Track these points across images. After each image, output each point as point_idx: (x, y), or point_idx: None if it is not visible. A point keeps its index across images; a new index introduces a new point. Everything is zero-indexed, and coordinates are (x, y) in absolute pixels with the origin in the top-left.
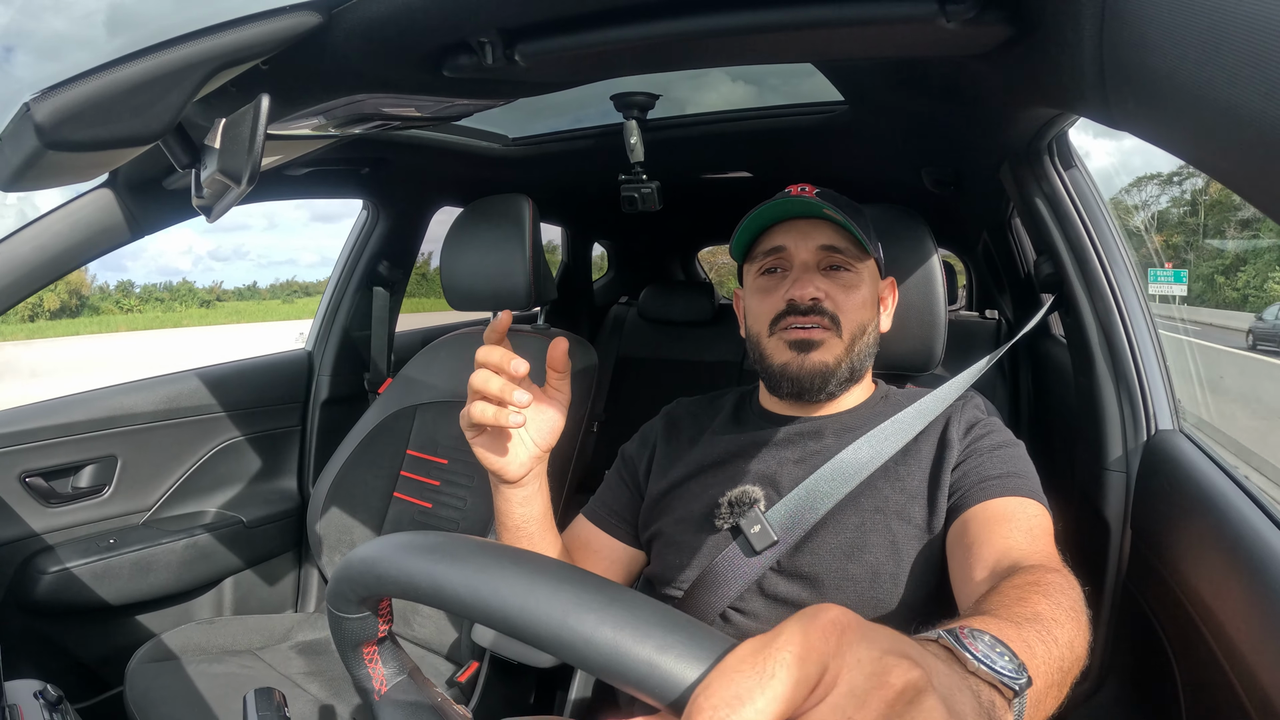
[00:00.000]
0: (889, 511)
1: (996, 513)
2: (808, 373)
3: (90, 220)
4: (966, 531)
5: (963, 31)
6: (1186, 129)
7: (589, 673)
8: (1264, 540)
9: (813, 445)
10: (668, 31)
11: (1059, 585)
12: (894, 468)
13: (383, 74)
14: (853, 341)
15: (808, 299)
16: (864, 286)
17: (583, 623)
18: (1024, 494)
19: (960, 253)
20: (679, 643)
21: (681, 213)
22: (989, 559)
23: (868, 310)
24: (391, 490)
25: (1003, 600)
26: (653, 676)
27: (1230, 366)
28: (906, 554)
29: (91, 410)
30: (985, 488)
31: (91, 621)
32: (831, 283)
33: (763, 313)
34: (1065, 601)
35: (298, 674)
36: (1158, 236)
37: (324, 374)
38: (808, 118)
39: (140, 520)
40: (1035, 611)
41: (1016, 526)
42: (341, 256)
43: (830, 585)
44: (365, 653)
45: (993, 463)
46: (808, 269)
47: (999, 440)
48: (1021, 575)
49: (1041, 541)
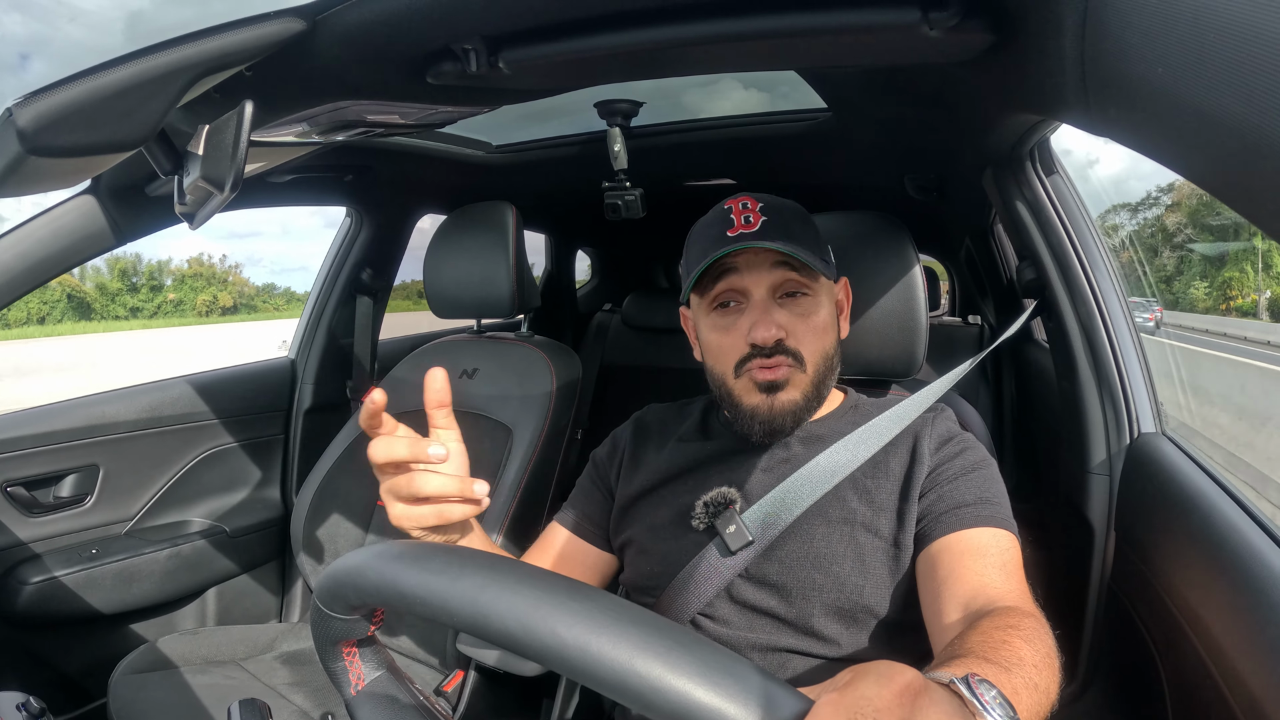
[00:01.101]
0: (856, 523)
1: (969, 546)
2: (779, 414)
3: (73, 226)
4: (939, 563)
5: (945, 39)
6: (1167, 135)
7: (649, 715)
8: (1247, 541)
9: (780, 454)
10: (652, 39)
11: (1036, 630)
12: (863, 480)
13: (367, 81)
14: (816, 373)
15: (771, 341)
16: (822, 309)
17: (650, 667)
18: (996, 524)
19: (943, 258)
20: (751, 695)
21: (665, 220)
22: (963, 595)
23: (828, 334)
24: (375, 498)
25: (988, 642)
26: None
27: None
28: (873, 565)
29: (73, 419)
30: (958, 515)
31: (74, 632)
32: (790, 314)
33: (725, 353)
34: (1042, 648)
35: (282, 684)
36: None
37: (307, 382)
38: (791, 125)
39: (123, 530)
40: (1019, 657)
41: (990, 562)
42: (324, 264)
43: (797, 594)
44: (344, 649)
45: (965, 488)
46: (765, 305)
47: (971, 461)
48: (1001, 617)
49: (1015, 579)
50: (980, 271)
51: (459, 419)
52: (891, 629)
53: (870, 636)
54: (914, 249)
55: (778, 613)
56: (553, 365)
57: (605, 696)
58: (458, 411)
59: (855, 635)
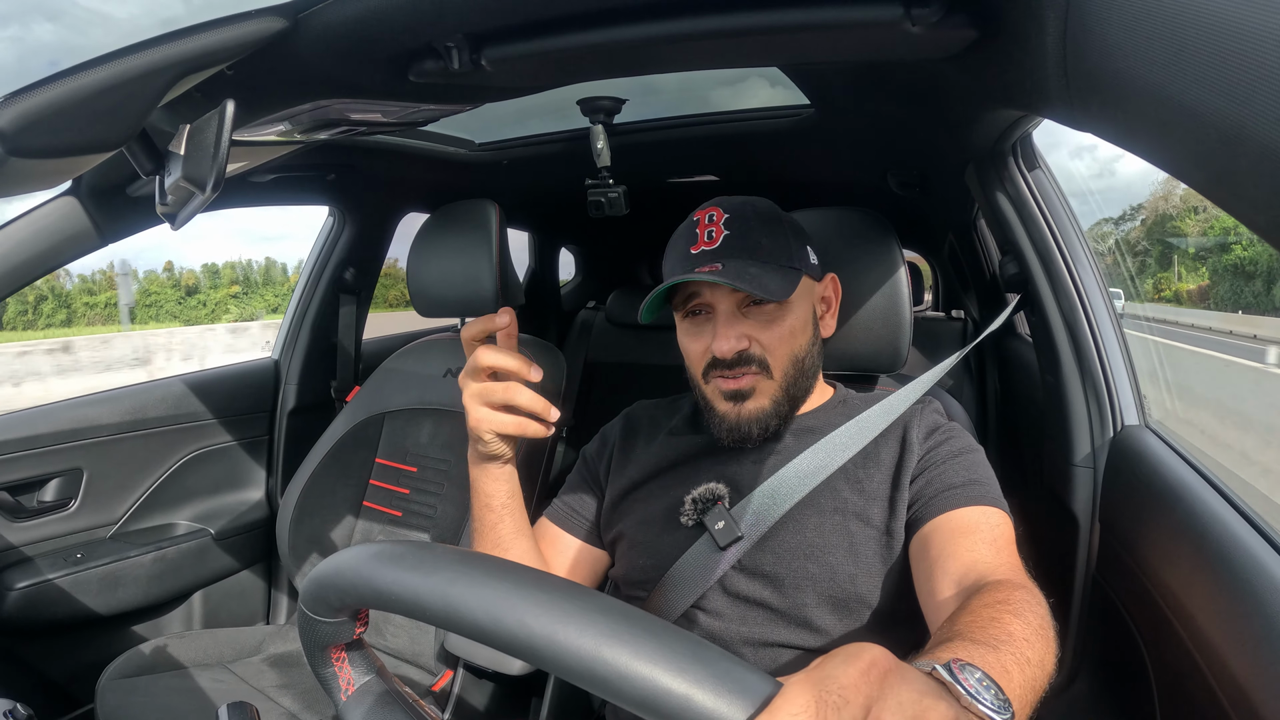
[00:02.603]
0: (848, 513)
1: (960, 524)
2: (746, 421)
3: (54, 228)
4: (931, 544)
5: (928, 35)
6: (1149, 129)
7: (618, 704)
8: (1231, 531)
9: (772, 446)
10: (634, 36)
11: (1027, 602)
12: (854, 470)
13: (349, 79)
14: (785, 377)
15: (730, 354)
16: (790, 315)
17: (617, 655)
18: (986, 502)
19: (926, 254)
20: (720, 680)
21: (648, 217)
22: (955, 573)
23: (799, 337)
24: (361, 499)
25: (977, 621)
26: (690, 713)
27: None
28: (865, 554)
29: (56, 423)
30: (948, 497)
31: (60, 637)
32: (756, 322)
33: (694, 356)
34: (1034, 620)
35: (270, 687)
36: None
37: (291, 383)
38: (774, 121)
39: (108, 534)
40: (1009, 633)
41: (981, 539)
42: (307, 264)
43: (790, 584)
44: (333, 654)
45: (954, 470)
46: (729, 318)
47: (959, 446)
48: (991, 593)
49: (1006, 553)
50: (963, 266)
51: (444, 418)
52: (885, 619)
53: (863, 627)
54: (897, 244)
55: (771, 603)
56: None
57: (594, 695)
58: (443, 410)
59: (848, 626)
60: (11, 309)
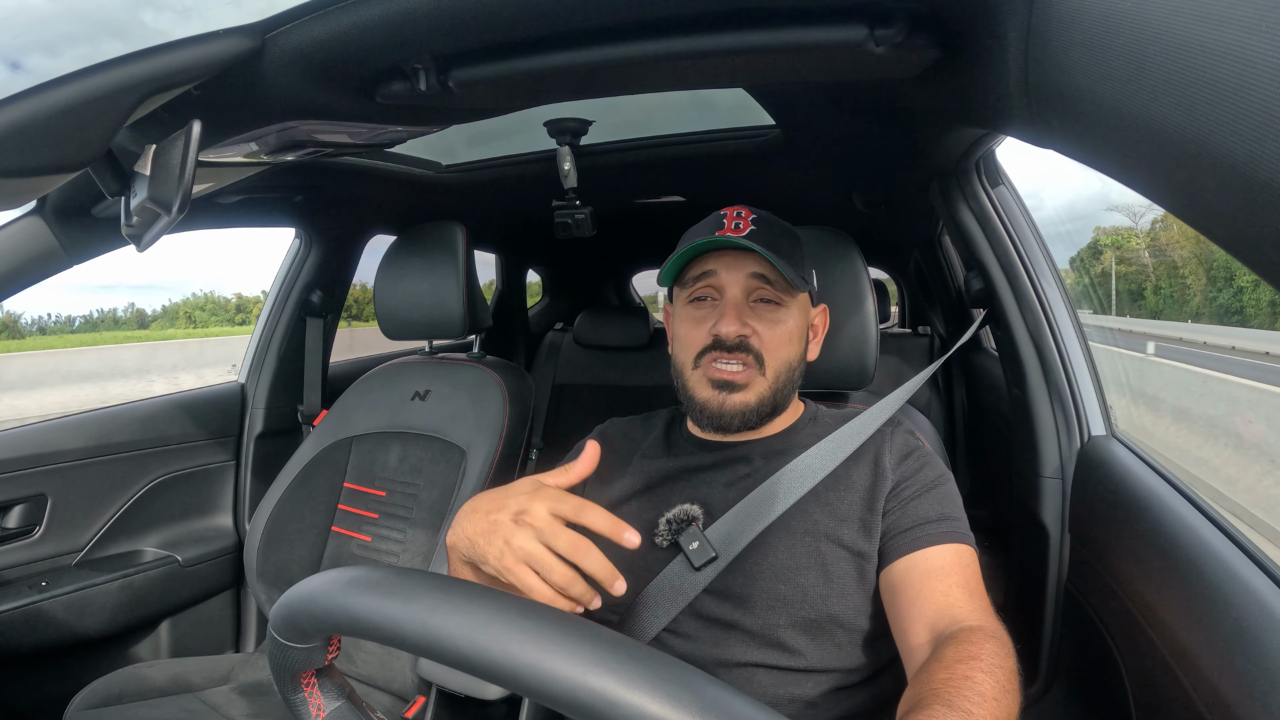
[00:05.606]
0: (819, 535)
1: (934, 565)
2: (728, 412)
3: (17, 248)
4: (907, 583)
5: (891, 55)
6: (1109, 146)
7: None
8: (1200, 537)
9: (742, 469)
10: (601, 58)
11: (997, 655)
12: (825, 493)
13: (316, 100)
14: (776, 379)
15: (734, 336)
16: (791, 320)
17: (604, 683)
18: (957, 539)
19: (892, 271)
20: (709, 710)
21: (615, 238)
22: (930, 615)
23: (794, 345)
24: (329, 524)
25: (951, 679)
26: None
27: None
28: (837, 576)
29: (20, 448)
30: (923, 532)
31: (25, 668)
32: (759, 318)
33: (690, 342)
34: (1003, 676)
35: (241, 716)
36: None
37: (258, 406)
38: (740, 142)
39: (73, 561)
40: (981, 693)
41: (954, 581)
42: (274, 287)
43: (761, 606)
44: (303, 680)
45: (928, 504)
46: (737, 304)
47: (932, 477)
48: (964, 645)
49: (978, 596)
50: (929, 283)
51: (413, 441)
52: (856, 638)
53: (835, 646)
54: (863, 261)
55: (742, 624)
56: (505, 386)
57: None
58: (411, 434)
59: (820, 646)
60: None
